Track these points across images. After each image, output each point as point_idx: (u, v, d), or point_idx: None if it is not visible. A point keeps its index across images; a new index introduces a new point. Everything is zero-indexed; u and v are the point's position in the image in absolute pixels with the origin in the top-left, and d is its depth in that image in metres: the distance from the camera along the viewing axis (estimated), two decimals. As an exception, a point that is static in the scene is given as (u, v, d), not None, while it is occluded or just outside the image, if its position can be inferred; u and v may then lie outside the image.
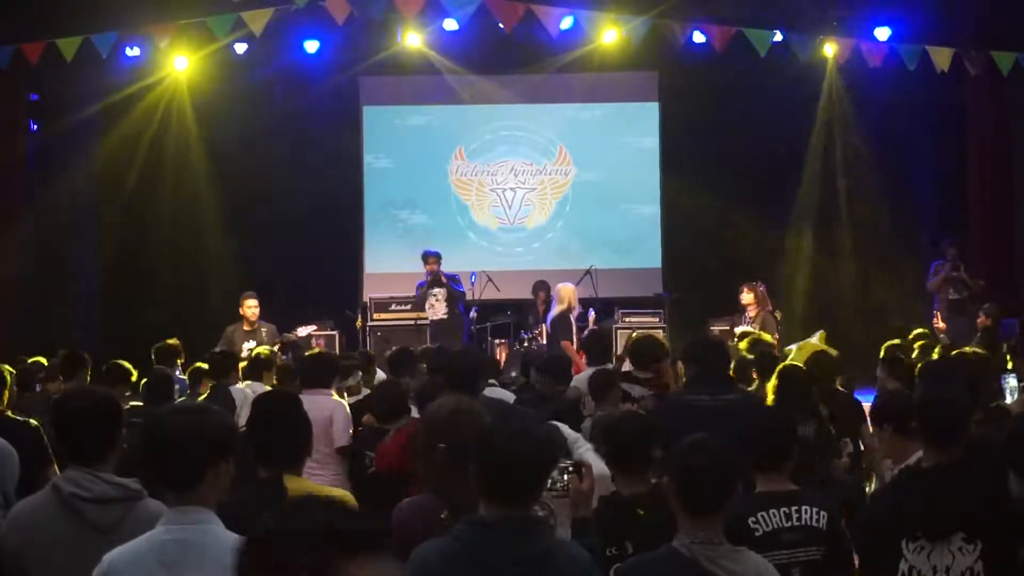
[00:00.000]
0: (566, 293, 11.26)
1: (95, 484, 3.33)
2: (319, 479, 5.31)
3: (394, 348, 8.39)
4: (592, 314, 11.65)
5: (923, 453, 3.70)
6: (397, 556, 3.29)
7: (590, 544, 3.25)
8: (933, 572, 3.45)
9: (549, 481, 3.29)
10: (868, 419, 5.88)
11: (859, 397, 7.03)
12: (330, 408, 6.24)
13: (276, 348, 9.72)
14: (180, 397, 7.32)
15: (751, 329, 10.50)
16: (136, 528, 3.15)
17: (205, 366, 7.74)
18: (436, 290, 12.03)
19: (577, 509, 3.38)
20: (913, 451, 4.02)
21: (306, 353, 8.02)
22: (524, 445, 2.96)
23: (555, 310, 11.23)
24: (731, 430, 5.13)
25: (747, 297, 11.02)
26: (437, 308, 11.98)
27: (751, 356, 7.31)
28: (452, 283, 12.17)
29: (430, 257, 12.14)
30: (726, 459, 3.18)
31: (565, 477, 3.48)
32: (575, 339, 10.89)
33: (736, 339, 9.15)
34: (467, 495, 3.19)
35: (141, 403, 6.72)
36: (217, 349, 10.33)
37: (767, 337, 8.98)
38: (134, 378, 7.28)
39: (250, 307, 10.51)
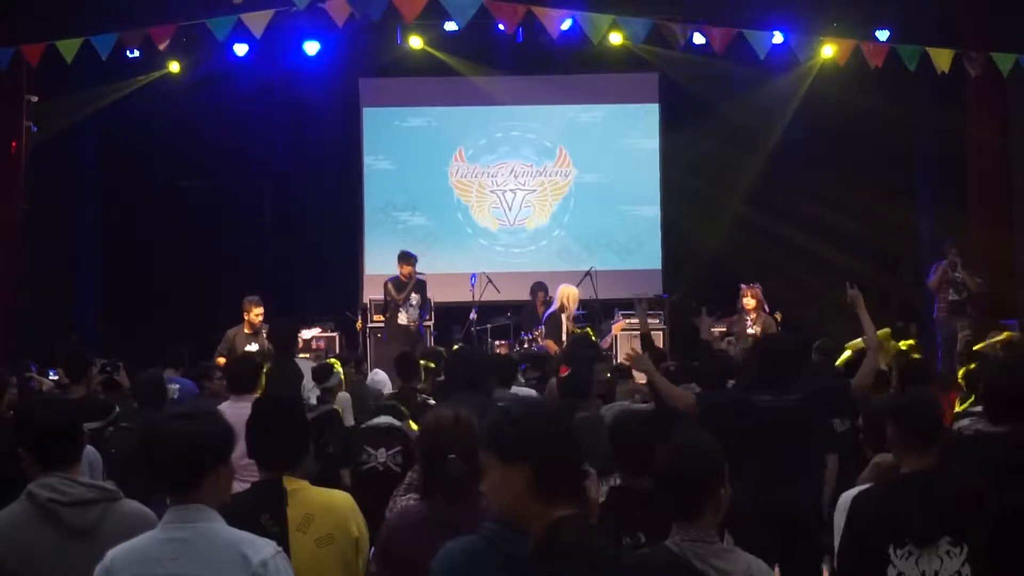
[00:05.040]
0: (562, 293, 11.41)
1: (71, 488, 3.34)
2: None
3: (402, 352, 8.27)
4: (619, 315, 11.72)
5: (900, 459, 3.70)
6: (386, 564, 3.30)
7: None
8: None
9: None
10: None
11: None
12: None
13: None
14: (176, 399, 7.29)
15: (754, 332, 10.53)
16: (115, 528, 3.19)
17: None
18: (412, 296, 11.90)
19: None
20: None
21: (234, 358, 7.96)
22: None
23: (552, 309, 11.36)
24: (794, 430, 5.19)
25: (749, 301, 11.01)
26: (411, 314, 11.89)
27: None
28: (425, 294, 11.97)
29: (412, 259, 11.96)
30: (707, 462, 3.16)
31: None
32: (565, 341, 10.92)
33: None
34: (479, 502, 3.22)
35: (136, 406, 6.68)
36: (218, 351, 10.36)
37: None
38: None
39: (256, 314, 10.43)
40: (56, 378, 8.63)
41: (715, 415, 5.24)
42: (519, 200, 14.87)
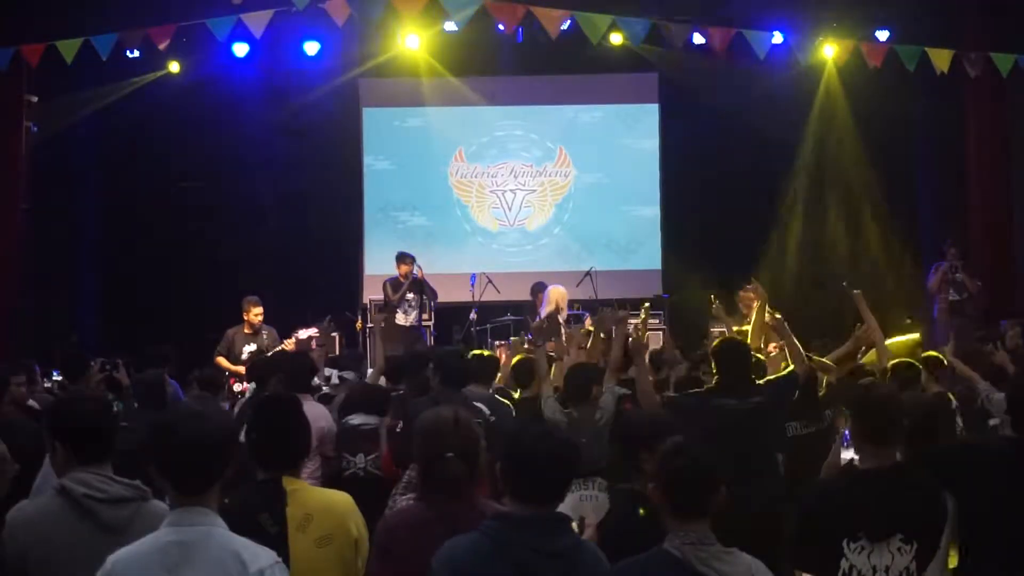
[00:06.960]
0: (555, 295, 11.31)
1: (108, 485, 3.37)
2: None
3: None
4: (587, 316, 11.61)
5: (859, 452, 3.71)
6: (386, 563, 3.33)
7: None
8: (873, 572, 3.51)
9: None
10: None
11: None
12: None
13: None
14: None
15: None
16: (144, 528, 3.17)
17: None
18: (410, 295, 11.92)
19: None
20: None
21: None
22: (552, 446, 3.08)
23: (543, 311, 11.27)
24: (757, 433, 5.25)
25: (746, 302, 10.99)
26: (410, 315, 11.90)
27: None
28: (429, 291, 11.95)
29: (408, 259, 11.96)
30: (708, 463, 3.17)
31: None
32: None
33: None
34: (477, 501, 3.30)
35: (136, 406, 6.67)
36: (217, 351, 10.37)
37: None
38: None
39: (255, 314, 10.46)
40: (59, 379, 8.63)
41: (679, 414, 5.27)
42: (519, 200, 14.87)
